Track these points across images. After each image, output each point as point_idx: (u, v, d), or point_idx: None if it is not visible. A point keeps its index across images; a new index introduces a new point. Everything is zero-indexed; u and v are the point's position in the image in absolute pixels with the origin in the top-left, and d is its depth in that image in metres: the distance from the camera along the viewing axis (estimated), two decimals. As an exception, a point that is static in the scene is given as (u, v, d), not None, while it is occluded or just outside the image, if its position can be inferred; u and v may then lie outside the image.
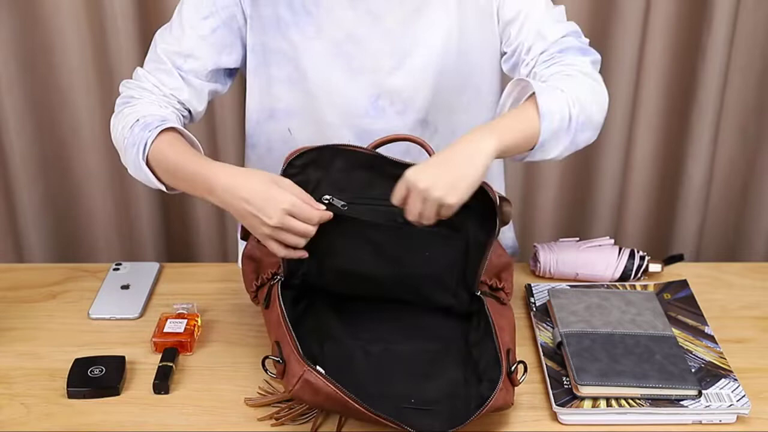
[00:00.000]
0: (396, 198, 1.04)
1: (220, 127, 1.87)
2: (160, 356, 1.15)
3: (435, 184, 0.99)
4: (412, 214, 1.03)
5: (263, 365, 1.02)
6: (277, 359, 1.00)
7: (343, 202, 1.10)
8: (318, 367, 0.97)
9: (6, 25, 1.78)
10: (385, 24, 1.21)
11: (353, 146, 1.11)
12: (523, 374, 1.04)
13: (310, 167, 1.10)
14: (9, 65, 1.82)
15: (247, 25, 1.21)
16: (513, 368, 1.03)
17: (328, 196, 1.10)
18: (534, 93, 1.09)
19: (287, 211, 1.04)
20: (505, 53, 1.24)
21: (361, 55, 1.22)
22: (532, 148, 1.10)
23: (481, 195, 1.06)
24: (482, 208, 1.07)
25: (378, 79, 1.23)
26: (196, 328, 1.20)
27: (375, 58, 1.22)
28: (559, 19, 1.21)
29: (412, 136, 1.15)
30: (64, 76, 1.84)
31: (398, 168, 1.06)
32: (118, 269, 1.37)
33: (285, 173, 1.09)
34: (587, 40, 1.21)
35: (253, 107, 1.29)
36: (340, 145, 1.11)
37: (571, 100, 1.10)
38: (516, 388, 1.07)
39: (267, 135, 1.30)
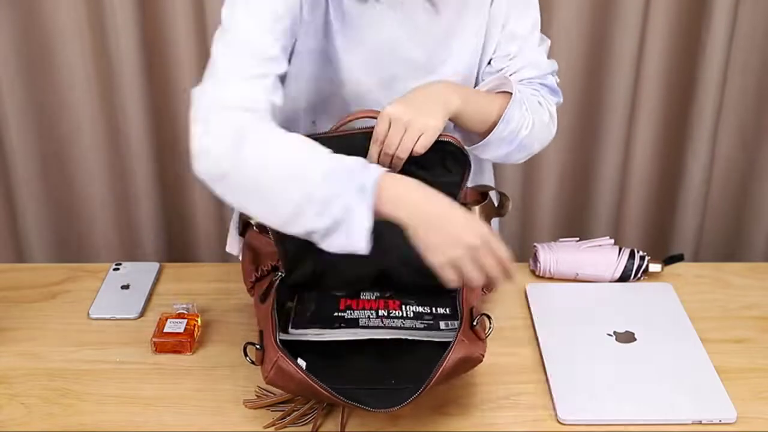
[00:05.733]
0: (378, 134, 1.07)
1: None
2: (159, 356, 1.16)
3: (419, 114, 1.07)
4: (391, 146, 1.06)
5: (245, 352, 1.03)
6: (256, 345, 1.02)
7: None
8: (299, 360, 1.00)
9: (6, 25, 1.79)
10: (424, 36, 1.21)
11: (319, 133, 1.11)
12: (489, 327, 1.05)
13: None
14: (9, 65, 1.82)
15: (302, 29, 1.16)
16: (476, 321, 1.04)
17: None
18: (506, 92, 1.19)
19: (485, 239, 0.98)
20: (489, 62, 1.27)
21: (397, 65, 1.22)
22: (474, 142, 1.19)
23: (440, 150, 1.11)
24: (443, 158, 1.12)
25: (410, 87, 1.22)
26: (196, 328, 1.20)
27: (411, 67, 1.22)
28: (547, 55, 1.29)
29: (375, 111, 1.13)
30: (64, 76, 1.84)
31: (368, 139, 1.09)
32: (118, 269, 1.37)
33: None
34: (558, 80, 1.31)
35: (281, 108, 1.25)
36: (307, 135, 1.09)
37: (529, 122, 1.20)
38: (515, 386, 1.07)
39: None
